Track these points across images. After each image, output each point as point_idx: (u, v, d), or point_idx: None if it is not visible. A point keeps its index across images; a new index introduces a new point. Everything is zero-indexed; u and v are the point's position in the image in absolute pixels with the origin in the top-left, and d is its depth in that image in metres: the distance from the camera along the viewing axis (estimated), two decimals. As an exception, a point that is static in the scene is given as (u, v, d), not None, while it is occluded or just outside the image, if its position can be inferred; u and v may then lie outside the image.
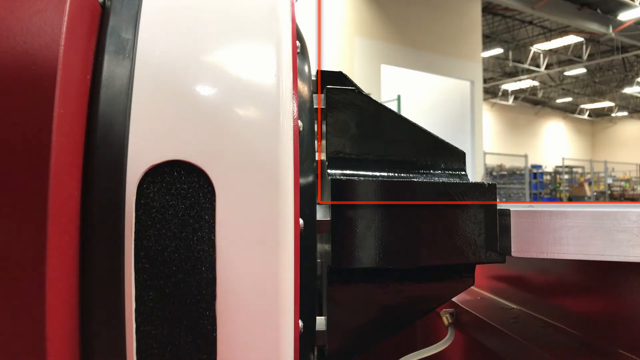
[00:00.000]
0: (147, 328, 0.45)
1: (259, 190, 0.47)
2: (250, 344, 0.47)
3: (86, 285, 0.45)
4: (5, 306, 0.40)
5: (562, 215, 0.56)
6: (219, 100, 0.48)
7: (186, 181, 0.46)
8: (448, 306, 0.97)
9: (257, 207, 0.47)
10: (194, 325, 0.45)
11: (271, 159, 0.47)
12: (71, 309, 0.44)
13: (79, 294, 0.45)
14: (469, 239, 0.59)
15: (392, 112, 0.66)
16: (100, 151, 0.46)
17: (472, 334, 0.92)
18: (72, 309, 0.44)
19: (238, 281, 0.46)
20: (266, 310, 0.47)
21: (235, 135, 0.47)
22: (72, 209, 0.44)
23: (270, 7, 0.54)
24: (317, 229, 0.55)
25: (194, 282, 0.45)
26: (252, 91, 0.50)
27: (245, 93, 0.49)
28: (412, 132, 0.66)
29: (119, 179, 0.45)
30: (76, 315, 0.45)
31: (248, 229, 0.47)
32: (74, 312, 0.45)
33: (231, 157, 0.47)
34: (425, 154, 0.65)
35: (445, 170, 0.66)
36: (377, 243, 0.57)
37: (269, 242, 0.47)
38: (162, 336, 0.45)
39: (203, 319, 0.45)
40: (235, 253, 0.46)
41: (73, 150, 0.44)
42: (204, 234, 0.46)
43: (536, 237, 0.57)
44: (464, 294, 0.99)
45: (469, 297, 1.03)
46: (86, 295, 0.45)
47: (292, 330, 0.48)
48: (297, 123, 0.52)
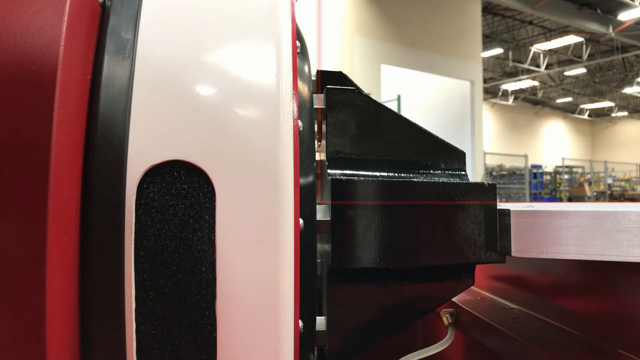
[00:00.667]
0: (147, 328, 0.45)
1: (259, 190, 0.47)
2: (250, 344, 0.47)
3: (86, 285, 0.45)
4: (5, 306, 0.40)
5: (562, 215, 0.56)
6: (219, 101, 0.48)
7: (186, 181, 0.46)
8: (448, 306, 0.97)
9: (257, 207, 0.47)
10: (194, 325, 0.45)
11: (271, 159, 0.47)
12: (71, 309, 0.44)
13: (79, 294, 0.45)
14: (469, 239, 0.59)
15: (392, 112, 0.66)
16: (100, 151, 0.46)
17: (472, 334, 0.92)
18: (72, 309, 0.44)
19: (238, 281, 0.46)
20: (266, 310, 0.47)
21: (235, 136, 0.47)
22: (72, 208, 0.44)
23: (270, 7, 0.54)
24: (317, 229, 0.55)
25: (194, 282, 0.45)
26: (252, 91, 0.50)
27: (245, 93, 0.49)
28: (412, 132, 0.66)
29: (119, 179, 0.45)
30: (76, 315, 0.45)
31: (248, 229, 0.47)
32: (74, 312, 0.45)
33: (231, 157, 0.47)
34: (425, 154, 0.65)
35: (445, 170, 0.66)
36: (377, 243, 0.57)
37: (269, 242, 0.47)
38: (162, 336, 0.45)
39: (203, 319, 0.45)
40: (235, 253, 0.46)
41: (73, 150, 0.44)
42: (204, 234, 0.46)
43: (536, 237, 0.57)
44: (464, 294, 0.99)
45: (469, 297, 1.03)
46: (86, 295, 0.45)
47: (292, 330, 0.48)
48: (297, 123, 0.52)
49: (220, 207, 0.46)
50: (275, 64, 0.51)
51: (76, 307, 0.45)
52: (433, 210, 0.59)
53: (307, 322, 0.53)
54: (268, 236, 0.47)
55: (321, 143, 0.68)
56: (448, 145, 0.66)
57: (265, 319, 0.47)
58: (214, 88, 0.49)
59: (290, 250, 0.48)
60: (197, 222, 0.46)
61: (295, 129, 0.51)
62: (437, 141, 0.66)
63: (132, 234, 0.44)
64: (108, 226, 0.45)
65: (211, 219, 0.46)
